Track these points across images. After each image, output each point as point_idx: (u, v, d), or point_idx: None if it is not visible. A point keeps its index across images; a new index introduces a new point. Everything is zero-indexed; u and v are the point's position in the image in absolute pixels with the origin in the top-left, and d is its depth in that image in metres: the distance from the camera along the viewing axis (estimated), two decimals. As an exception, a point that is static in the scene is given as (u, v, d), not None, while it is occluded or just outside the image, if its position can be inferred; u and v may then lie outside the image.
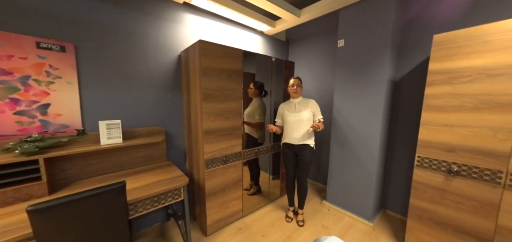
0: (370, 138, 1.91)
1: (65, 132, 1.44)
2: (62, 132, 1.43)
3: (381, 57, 1.80)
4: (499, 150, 1.22)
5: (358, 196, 2.06)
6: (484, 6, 1.52)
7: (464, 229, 1.37)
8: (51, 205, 0.87)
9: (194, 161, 1.91)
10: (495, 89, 1.23)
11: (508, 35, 1.17)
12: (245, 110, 2.05)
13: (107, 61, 1.60)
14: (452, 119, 1.37)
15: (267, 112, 2.23)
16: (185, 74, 1.91)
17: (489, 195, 1.27)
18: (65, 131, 1.44)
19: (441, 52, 1.39)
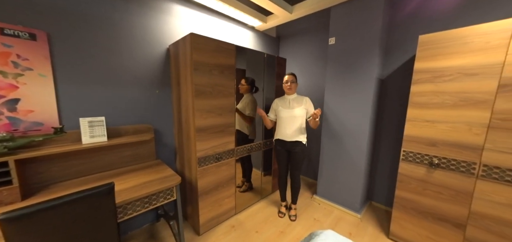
0: (359, 133, 1.99)
1: (40, 130, 1.30)
2: (36, 130, 1.29)
3: (370, 55, 1.87)
4: (474, 143, 1.34)
5: (347, 190, 2.15)
6: (465, 10, 1.63)
7: (443, 216, 1.49)
8: (28, 212, 0.78)
9: (185, 159, 1.84)
10: (471, 88, 1.33)
11: (484, 38, 1.27)
12: (236, 106, 2.01)
13: (88, 53, 1.46)
14: (434, 115, 1.47)
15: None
16: (175, 69, 1.82)
17: (464, 185, 1.39)
18: (40, 129, 1.30)
19: (426, 52, 1.47)
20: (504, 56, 1.23)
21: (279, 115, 1.92)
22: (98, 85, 1.53)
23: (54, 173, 1.34)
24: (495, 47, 1.25)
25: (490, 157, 1.29)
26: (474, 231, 1.38)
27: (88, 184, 1.30)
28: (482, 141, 1.31)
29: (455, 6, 1.67)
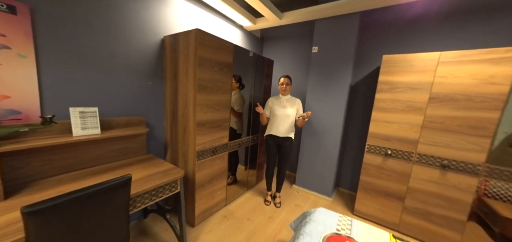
0: (334, 131, 2.38)
1: (20, 120, 1.12)
2: (12, 120, 1.10)
3: (346, 66, 2.26)
4: (413, 138, 1.84)
5: (321, 179, 2.53)
6: (413, 39, 2.16)
7: (390, 193, 1.99)
8: (54, 204, 0.74)
9: (179, 153, 1.84)
10: (414, 98, 1.82)
11: (422, 63, 1.77)
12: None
13: (78, 34, 1.32)
14: (390, 117, 1.94)
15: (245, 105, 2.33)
16: (171, 62, 1.78)
17: (405, 168, 1.90)
18: (19, 118, 1.12)
19: (387, 68, 1.91)
20: (433, 77, 1.74)
21: (274, 113, 2.11)
22: (88, 71, 1.39)
23: (34, 168, 1.18)
24: (428, 70, 1.75)
25: (422, 148, 1.81)
26: (409, 201, 1.90)
27: (78, 181, 1.19)
28: (418, 136, 1.83)
29: (407, 36, 2.19)
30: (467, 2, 1.87)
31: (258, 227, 1.89)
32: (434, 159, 1.77)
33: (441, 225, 1.79)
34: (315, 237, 1.06)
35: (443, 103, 1.71)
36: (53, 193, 1.04)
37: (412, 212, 1.90)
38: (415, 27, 2.12)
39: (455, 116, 1.67)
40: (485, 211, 1.69)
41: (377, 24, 2.32)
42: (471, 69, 1.60)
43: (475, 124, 1.61)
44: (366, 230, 1.16)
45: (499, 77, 1.52)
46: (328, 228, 1.14)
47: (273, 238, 1.76)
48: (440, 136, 1.74)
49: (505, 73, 1.51)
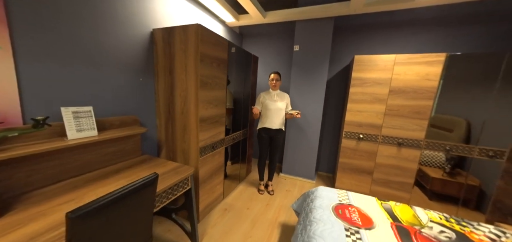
0: (315, 121, 2.70)
1: (2, 123, 0.92)
2: (-11, 124, 0.90)
3: (323, 63, 2.58)
4: (378, 124, 2.30)
5: (305, 165, 2.84)
6: (377, 43, 2.63)
7: (362, 169, 2.43)
8: (96, 207, 0.70)
9: (178, 151, 1.78)
10: (378, 91, 2.26)
11: (384, 63, 2.21)
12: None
13: (61, 22, 1.14)
14: (361, 107, 2.34)
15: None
16: (165, 57, 1.70)
17: (373, 148, 2.35)
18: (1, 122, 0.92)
19: (358, 67, 2.30)
20: (391, 74, 2.20)
21: (267, 107, 2.25)
22: (75, 66, 1.22)
23: (19, 180, 0.99)
24: (388, 69, 2.20)
25: (385, 131, 2.28)
26: (376, 174, 2.37)
27: (75, 191, 1.05)
28: (381, 122, 2.29)
29: (372, 40, 2.65)
30: (414, 15, 2.41)
31: (258, 214, 2.02)
32: (393, 139, 2.26)
33: (397, 189, 2.31)
34: (325, 208, 1.27)
35: (398, 95, 2.19)
36: (52, 206, 0.91)
37: (378, 182, 2.38)
38: (379, 33, 2.59)
39: (406, 105, 2.18)
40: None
41: (348, 28, 2.73)
42: (416, 69, 2.11)
43: (418, 110, 2.14)
44: (359, 198, 1.44)
45: (432, 75, 2.06)
46: (332, 200, 1.38)
47: (274, 221, 1.92)
48: (396, 121, 2.23)
49: (436, 72, 2.05)
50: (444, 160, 2.29)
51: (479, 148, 2.01)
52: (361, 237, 1.02)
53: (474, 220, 1.28)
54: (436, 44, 2.37)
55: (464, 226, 1.20)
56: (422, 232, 1.10)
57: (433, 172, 2.25)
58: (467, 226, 1.19)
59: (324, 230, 1.05)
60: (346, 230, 1.07)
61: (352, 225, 1.11)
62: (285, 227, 1.84)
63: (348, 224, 1.11)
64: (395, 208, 1.34)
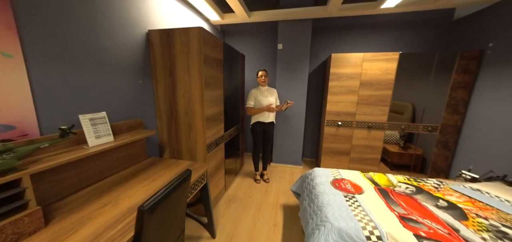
0: (300, 113, 3.01)
1: (18, 138, 0.88)
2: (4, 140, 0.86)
3: (305, 60, 2.88)
4: (353, 112, 2.74)
5: (293, 152, 3.16)
6: (349, 42, 3.05)
7: (341, 151, 2.86)
8: (160, 198, 0.79)
9: (183, 150, 1.83)
10: (351, 84, 2.69)
11: (355, 60, 2.62)
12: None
13: (64, 27, 1.10)
14: (338, 98, 2.74)
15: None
16: (164, 58, 1.71)
17: (349, 133, 2.80)
18: (16, 136, 0.88)
19: (335, 63, 2.67)
20: (361, 69, 2.63)
21: (260, 103, 2.42)
22: (81, 71, 1.19)
23: (47, 190, 0.96)
24: (358, 65, 2.63)
25: (358, 117, 2.73)
26: (353, 154, 2.84)
27: (105, 196, 1.07)
28: (355, 110, 2.73)
29: (345, 39, 3.06)
30: (376, 20, 2.89)
31: (260, 200, 2.22)
32: (364, 123, 2.73)
33: (369, 164, 2.82)
34: (325, 183, 1.55)
35: (367, 86, 2.65)
36: (92, 210, 0.94)
37: (354, 160, 2.85)
38: (350, 34, 3.01)
39: (373, 95, 2.65)
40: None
41: (325, 28, 3.08)
42: (379, 65, 2.58)
43: (382, 98, 2.64)
44: (347, 173, 1.78)
45: (390, 70, 2.56)
46: (328, 177, 1.67)
47: (276, 204, 2.16)
48: (366, 108, 2.70)
49: (393, 68, 2.55)
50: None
51: (423, 125, 2.61)
52: (357, 200, 1.33)
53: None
54: (392, 45, 2.91)
55: (419, 181, 1.64)
56: (395, 190, 1.48)
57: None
58: (420, 181, 1.64)
59: (330, 199, 1.33)
60: (344, 197, 1.36)
61: (348, 193, 1.41)
62: (286, 207, 2.10)
63: (345, 193, 1.42)
64: (374, 176, 1.72)
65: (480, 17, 2.38)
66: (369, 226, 1.06)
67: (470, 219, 1.16)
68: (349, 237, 1.03)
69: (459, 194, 1.45)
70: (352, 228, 1.05)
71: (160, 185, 1.22)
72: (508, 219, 1.17)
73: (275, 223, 1.84)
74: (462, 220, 1.14)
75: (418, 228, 1.06)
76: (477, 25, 2.40)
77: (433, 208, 1.26)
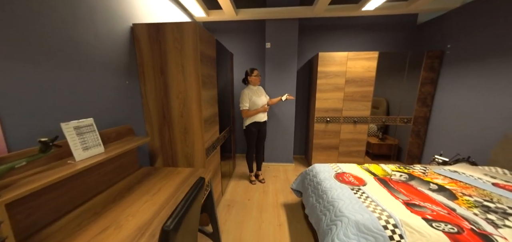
0: (289, 110, 3.05)
1: None
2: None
3: (293, 58, 2.93)
4: (340, 108, 2.88)
5: (284, 151, 3.18)
6: (335, 41, 3.19)
7: (331, 146, 2.99)
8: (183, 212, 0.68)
9: (179, 156, 1.68)
10: (337, 81, 2.82)
11: (340, 58, 2.76)
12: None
13: (34, 16, 0.88)
14: (326, 95, 2.86)
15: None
16: (153, 56, 1.53)
17: (337, 128, 2.94)
18: None
19: (322, 62, 2.77)
20: (346, 68, 2.79)
21: (255, 103, 2.36)
22: (57, 70, 0.97)
23: (18, 223, 0.75)
24: (343, 63, 2.78)
25: (345, 113, 2.89)
26: (341, 148, 2.99)
27: (101, 218, 0.89)
28: (342, 106, 2.88)
29: (331, 38, 3.19)
30: (358, 21, 3.08)
31: (260, 202, 2.18)
32: (350, 118, 2.90)
33: (356, 156, 3.00)
34: (329, 179, 1.59)
35: (351, 84, 2.81)
36: (91, 237, 0.77)
37: (342, 154, 3.00)
38: (336, 33, 3.16)
39: (357, 91, 2.83)
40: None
41: (312, 28, 3.18)
42: (361, 63, 2.76)
43: (365, 94, 2.84)
44: (346, 167, 1.85)
45: (371, 68, 2.77)
46: (330, 172, 1.71)
47: (276, 203, 2.14)
48: (351, 104, 2.87)
49: (373, 66, 2.76)
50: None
51: (400, 117, 2.89)
52: (364, 191, 1.38)
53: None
54: (373, 44, 3.15)
55: (408, 169, 1.80)
56: (392, 178, 1.60)
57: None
58: (410, 169, 1.80)
59: (339, 193, 1.35)
60: (351, 190, 1.41)
61: (354, 186, 1.47)
62: (287, 206, 2.09)
63: (351, 186, 1.47)
64: (370, 167, 1.82)
65: (439, 22, 2.73)
66: (383, 215, 1.10)
67: (459, 198, 1.30)
68: (367, 229, 1.06)
69: (442, 176, 1.63)
70: (368, 219, 1.08)
71: (164, 198, 1.07)
72: (486, 194, 1.35)
73: (279, 223, 1.82)
74: (454, 200, 1.28)
75: (423, 211, 1.15)
76: (438, 29, 2.75)
77: (428, 191, 1.39)
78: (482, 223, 1.06)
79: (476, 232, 0.99)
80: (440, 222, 1.05)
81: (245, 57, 3.35)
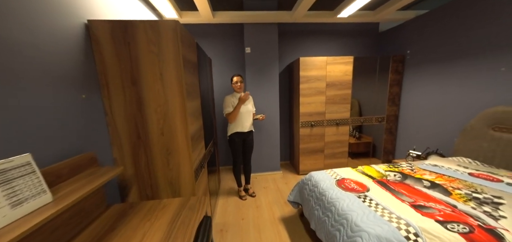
0: (273, 116, 2.96)
1: None
2: None
3: (274, 63, 2.86)
4: (323, 111, 2.92)
5: (270, 158, 3.06)
6: (315, 47, 3.24)
7: (317, 149, 3.01)
8: None
9: (161, 184, 1.37)
10: (319, 85, 2.87)
11: (320, 63, 2.81)
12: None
13: None
14: (309, 100, 2.87)
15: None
16: (120, 61, 1.22)
17: (321, 131, 2.97)
18: None
19: (303, 66, 2.77)
20: (326, 72, 2.85)
21: (240, 112, 2.16)
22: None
23: None
24: (323, 68, 2.84)
25: (328, 116, 2.94)
26: (326, 151, 3.03)
27: None
28: (324, 109, 2.93)
29: (311, 43, 3.24)
30: (335, 27, 3.21)
31: (255, 219, 1.98)
32: (333, 121, 2.97)
33: (340, 158, 3.08)
34: (333, 187, 1.51)
35: (332, 87, 2.89)
36: None
37: (328, 156, 3.04)
38: (316, 38, 3.23)
39: (337, 94, 2.92)
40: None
41: (292, 32, 3.18)
42: (339, 67, 2.87)
43: (344, 97, 2.95)
44: (343, 172, 1.81)
45: (348, 71, 2.90)
46: (330, 180, 1.64)
47: (274, 219, 1.97)
48: (333, 107, 2.94)
49: (350, 70, 2.89)
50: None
51: (375, 117, 3.10)
52: (372, 198, 1.34)
53: (374, 163, 2.03)
54: (349, 49, 3.33)
55: (398, 167, 1.87)
56: (388, 179, 1.62)
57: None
58: (399, 167, 1.87)
59: (348, 204, 1.28)
60: (358, 198, 1.35)
61: (359, 193, 1.42)
62: (285, 220, 1.95)
63: (356, 193, 1.41)
64: (364, 170, 1.83)
65: (398, 30, 3.06)
66: (401, 224, 1.06)
67: (452, 193, 1.37)
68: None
69: (428, 172, 1.73)
70: (389, 232, 1.02)
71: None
72: (469, 185, 1.47)
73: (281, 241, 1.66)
74: (449, 195, 1.34)
75: (432, 213, 1.15)
76: (398, 36, 3.07)
77: (425, 189, 1.44)
78: (483, 217, 1.10)
79: (484, 228, 1.02)
80: (453, 223, 1.05)
81: (224, 63, 3.14)
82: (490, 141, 1.92)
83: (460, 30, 2.23)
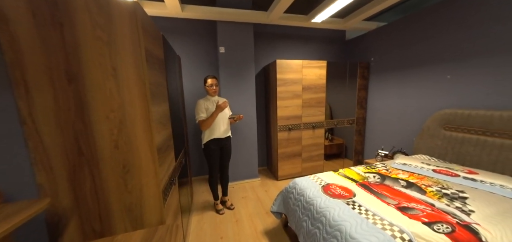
0: (251, 122, 2.81)
1: None
2: None
3: (250, 65, 2.73)
4: (300, 114, 2.91)
5: (248, 165, 2.89)
6: (292, 50, 3.21)
7: (295, 153, 2.97)
8: None
9: (114, 214, 1.05)
10: (295, 89, 2.85)
11: (296, 66, 2.79)
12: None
13: None
14: (286, 103, 2.82)
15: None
16: (49, 49, 0.89)
17: (299, 135, 2.95)
18: None
19: (280, 69, 2.71)
20: (301, 75, 2.86)
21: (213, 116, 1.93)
22: None
23: None
24: (299, 71, 2.83)
25: (304, 119, 2.94)
26: (304, 154, 3.02)
27: None
28: (301, 112, 2.92)
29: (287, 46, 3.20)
30: (309, 32, 3.26)
31: (236, 236, 1.76)
32: (309, 124, 2.99)
33: (317, 160, 3.11)
34: (320, 195, 1.42)
35: (307, 90, 2.91)
36: None
37: (305, 160, 3.04)
38: (291, 41, 3.21)
39: (313, 98, 2.96)
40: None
41: (268, 34, 3.10)
42: (314, 71, 2.92)
43: (319, 100, 3.01)
44: (326, 177, 1.76)
45: (322, 75, 2.97)
46: (315, 187, 1.56)
47: (256, 233, 1.79)
48: (309, 110, 2.96)
49: (323, 74, 2.97)
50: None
51: (347, 119, 3.25)
52: (358, 203, 1.29)
53: (347, 165, 2.11)
54: (323, 54, 3.44)
55: (374, 167, 1.93)
56: (369, 181, 1.63)
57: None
58: (375, 167, 1.94)
59: (339, 213, 1.20)
60: (347, 204, 1.29)
61: (346, 199, 1.36)
62: (268, 233, 1.79)
63: (344, 199, 1.35)
64: (345, 172, 1.83)
65: (362, 39, 3.32)
66: (395, 232, 1.02)
67: (426, 191, 1.44)
68: (386, 253, 0.92)
69: (401, 171, 1.82)
70: (384, 241, 0.96)
71: None
72: (437, 181, 1.58)
73: (267, 261, 1.49)
74: (424, 194, 1.40)
75: (417, 214, 1.16)
76: (363, 44, 3.32)
77: (403, 189, 1.48)
78: (458, 213, 1.16)
79: (462, 225, 1.05)
80: (437, 223, 1.07)
81: (195, 62, 2.85)
82: (443, 139, 2.16)
83: (412, 42, 2.50)
